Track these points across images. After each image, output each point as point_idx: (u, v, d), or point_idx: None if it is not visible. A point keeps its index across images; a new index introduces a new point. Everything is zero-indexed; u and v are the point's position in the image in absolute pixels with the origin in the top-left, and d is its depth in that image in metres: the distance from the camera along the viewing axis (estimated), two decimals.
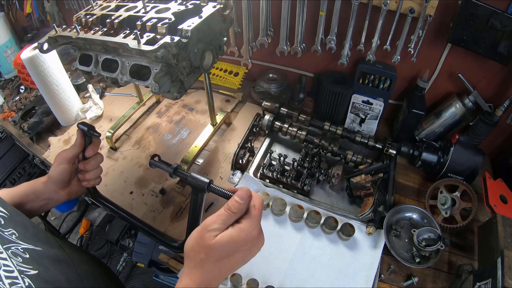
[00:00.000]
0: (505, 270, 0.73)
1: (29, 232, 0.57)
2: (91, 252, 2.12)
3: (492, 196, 0.99)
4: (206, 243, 0.51)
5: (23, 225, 0.57)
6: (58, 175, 0.73)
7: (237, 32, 1.25)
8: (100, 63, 0.81)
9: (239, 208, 0.54)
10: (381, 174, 1.00)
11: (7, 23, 1.72)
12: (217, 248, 0.51)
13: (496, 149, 1.20)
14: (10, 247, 0.50)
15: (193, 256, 0.53)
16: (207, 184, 0.63)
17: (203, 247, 0.52)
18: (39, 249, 0.54)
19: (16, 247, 0.51)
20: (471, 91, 1.03)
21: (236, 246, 0.53)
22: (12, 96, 1.60)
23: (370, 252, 0.93)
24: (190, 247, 0.53)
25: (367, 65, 1.11)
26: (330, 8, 1.04)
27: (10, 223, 0.55)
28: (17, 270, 0.47)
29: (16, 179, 1.80)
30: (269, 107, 1.20)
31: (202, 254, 0.52)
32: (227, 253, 0.52)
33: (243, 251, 0.54)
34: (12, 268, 0.47)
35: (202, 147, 1.20)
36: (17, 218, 0.58)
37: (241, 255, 0.54)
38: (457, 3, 0.91)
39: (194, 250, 0.53)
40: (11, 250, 0.50)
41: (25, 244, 0.53)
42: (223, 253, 0.52)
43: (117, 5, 0.89)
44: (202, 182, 0.64)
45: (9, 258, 0.48)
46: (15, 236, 0.53)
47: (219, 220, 0.53)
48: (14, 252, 0.50)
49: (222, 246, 0.51)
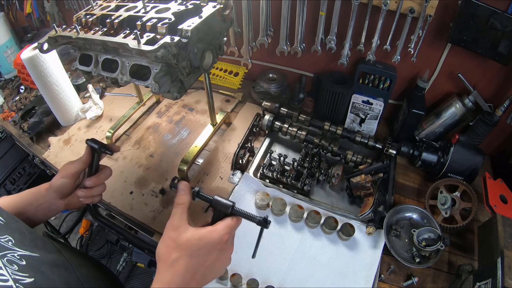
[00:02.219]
0: (505, 270, 0.73)
1: (26, 238, 0.56)
2: (91, 252, 2.12)
3: (492, 196, 0.98)
4: (179, 241, 0.53)
5: (20, 232, 0.56)
6: (59, 187, 0.72)
7: (237, 32, 1.25)
8: (100, 63, 0.81)
9: (182, 199, 0.59)
10: (381, 174, 1.00)
11: (7, 23, 1.72)
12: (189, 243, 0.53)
13: (496, 149, 1.20)
14: (6, 254, 0.50)
15: (165, 258, 0.54)
16: (230, 208, 0.62)
17: (175, 246, 0.54)
18: (36, 255, 0.54)
19: (12, 254, 0.50)
20: (471, 91, 1.03)
21: (206, 245, 0.54)
22: (12, 96, 1.60)
23: (370, 252, 0.93)
24: (162, 250, 0.55)
25: (367, 65, 1.11)
26: (330, 8, 1.04)
27: (6, 229, 0.54)
28: (12, 279, 0.46)
29: (16, 179, 1.80)
30: (269, 107, 1.20)
31: (174, 253, 0.53)
32: (198, 250, 0.54)
33: (214, 254, 0.56)
34: (7, 277, 0.46)
35: (202, 147, 1.20)
36: (13, 224, 0.57)
37: (212, 257, 0.56)
38: (457, 3, 0.91)
39: (166, 251, 0.54)
40: (6, 258, 0.49)
41: (21, 251, 0.52)
42: (194, 249, 0.53)
43: (117, 5, 0.89)
44: (226, 206, 0.62)
45: (4, 267, 0.47)
46: (12, 243, 0.52)
47: (176, 217, 0.56)
48: (10, 259, 0.49)
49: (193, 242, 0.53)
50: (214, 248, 0.56)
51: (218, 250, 0.56)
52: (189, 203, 0.60)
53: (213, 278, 0.59)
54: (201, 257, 0.55)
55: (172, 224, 0.57)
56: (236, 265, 0.90)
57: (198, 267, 0.55)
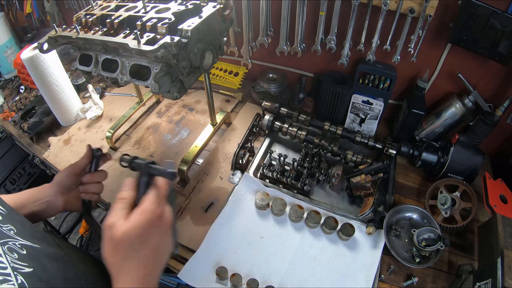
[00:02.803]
0: (505, 270, 0.73)
1: (27, 229, 0.56)
2: (91, 252, 2.12)
3: (492, 196, 0.98)
4: (116, 239, 0.50)
5: (21, 223, 0.57)
6: (62, 179, 0.75)
7: (237, 32, 1.25)
8: (100, 63, 0.81)
9: (122, 194, 0.55)
10: (381, 174, 1.00)
11: (7, 23, 1.72)
12: (126, 237, 0.50)
13: (496, 149, 1.20)
14: (7, 242, 0.49)
15: (112, 263, 0.51)
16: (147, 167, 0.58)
17: (115, 245, 0.50)
18: (37, 246, 0.54)
19: (14, 243, 0.50)
20: (471, 91, 1.03)
21: (143, 231, 0.51)
22: (12, 96, 1.60)
23: (370, 252, 0.93)
24: (105, 254, 0.51)
25: (367, 65, 1.11)
26: (330, 8, 1.04)
27: (8, 219, 0.54)
28: (10, 267, 0.46)
29: (16, 179, 1.80)
30: (269, 107, 1.20)
31: (117, 255, 0.50)
32: (138, 239, 0.50)
33: (156, 234, 0.52)
34: (6, 264, 0.46)
35: (202, 147, 1.20)
36: (15, 216, 0.57)
37: (155, 239, 0.52)
38: (457, 3, 0.91)
39: (110, 255, 0.51)
40: (7, 245, 0.49)
41: (23, 241, 0.52)
42: (134, 242, 0.50)
43: (117, 5, 0.89)
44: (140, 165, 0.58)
45: (4, 254, 0.47)
46: (13, 232, 0.52)
47: (111, 214, 0.52)
48: (11, 247, 0.49)
49: (130, 232, 0.50)
50: (153, 228, 0.52)
51: (158, 228, 0.52)
52: (132, 199, 0.55)
53: (168, 253, 0.56)
54: (145, 245, 0.51)
55: (107, 223, 0.52)
56: (236, 265, 0.91)
57: (147, 255, 0.52)
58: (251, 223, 1.00)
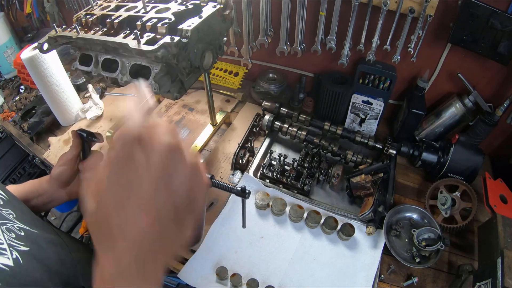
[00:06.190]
0: (505, 270, 0.73)
1: (27, 216, 0.57)
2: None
3: (492, 196, 0.98)
4: (95, 185, 0.34)
5: (21, 210, 0.57)
6: (58, 175, 0.74)
7: (237, 32, 1.25)
8: (100, 63, 0.81)
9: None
10: (381, 174, 1.00)
11: (7, 23, 1.72)
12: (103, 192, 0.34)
13: (496, 149, 1.20)
14: (6, 223, 0.49)
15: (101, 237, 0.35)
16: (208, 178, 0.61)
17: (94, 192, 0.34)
18: (35, 231, 0.54)
19: (12, 225, 0.50)
20: (471, 91, 1.03)
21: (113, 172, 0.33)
22: (12, 96, 1.60)
23: (370, 252, 0.93)
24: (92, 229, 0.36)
25: (367, 65, 1.11)
26: (330, 8, 1.04)
27: (9, 205, 0.55)
28: (7, 244, 0.46)
29: (16, 179, 1.80)
30: (269, 107, 1.20)
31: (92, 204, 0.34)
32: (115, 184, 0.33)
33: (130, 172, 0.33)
34: (2, 241, 0.45)
35: (202, 147, 1.20)
36: (15, 203, 0.58)
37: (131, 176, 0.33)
38: (457, 3, 0.91)
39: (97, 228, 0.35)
40: (6, 226, 0.49)
41: (22, 225, 0.52)
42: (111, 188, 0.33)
43: (117, 5, 0.89)
44: None
45: (1, 233, 0.47)
46: (13, 216, 0.53)
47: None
48: (9, 228, 0.49)
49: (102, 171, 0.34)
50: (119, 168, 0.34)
51: (122, 166, 0.33)
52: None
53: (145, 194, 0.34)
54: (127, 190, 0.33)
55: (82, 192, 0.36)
56: (236, 265, 0.91)
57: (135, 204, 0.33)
58: (251, 223, 1.00)
